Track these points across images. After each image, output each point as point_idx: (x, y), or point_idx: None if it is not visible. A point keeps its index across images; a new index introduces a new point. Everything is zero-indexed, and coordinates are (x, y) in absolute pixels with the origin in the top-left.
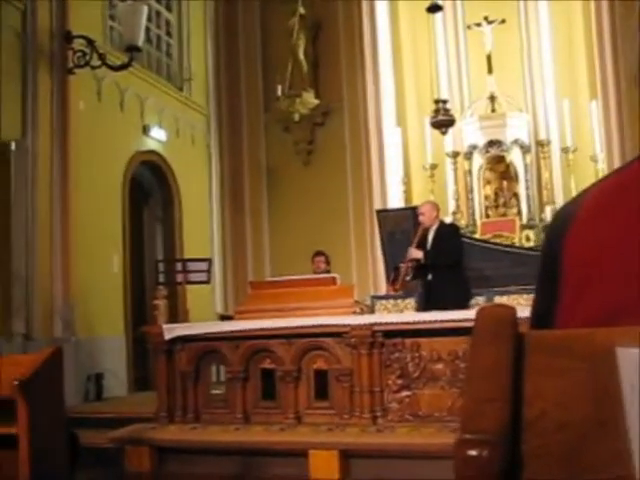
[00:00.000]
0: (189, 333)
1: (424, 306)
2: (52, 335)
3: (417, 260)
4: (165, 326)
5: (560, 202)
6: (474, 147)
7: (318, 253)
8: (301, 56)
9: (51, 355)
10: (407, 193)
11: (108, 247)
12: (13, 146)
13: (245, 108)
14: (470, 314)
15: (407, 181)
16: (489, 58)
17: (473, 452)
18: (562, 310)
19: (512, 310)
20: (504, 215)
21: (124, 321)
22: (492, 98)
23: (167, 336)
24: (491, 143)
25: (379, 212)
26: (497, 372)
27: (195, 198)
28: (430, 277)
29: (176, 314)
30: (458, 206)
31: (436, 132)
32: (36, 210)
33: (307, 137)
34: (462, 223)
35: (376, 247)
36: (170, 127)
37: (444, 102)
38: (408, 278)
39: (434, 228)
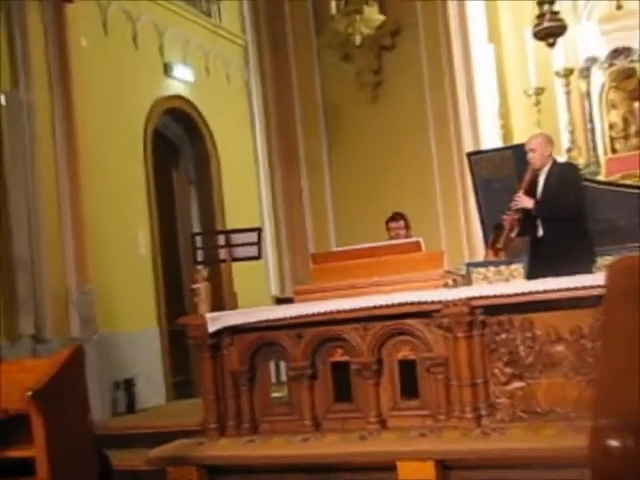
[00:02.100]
0: (239, 322)
1: (535, 271)
2: (68, 334)
3: (526, 210)
4: (208, 315)
5: None
6: (593, 60)
7: (394, 217)
8: None
9: (70, 357)
10: (506, 128)
11: (131, 221)
12: (3, 100)
13: (291, 33)
14: (596, 279)
15: (505, 113)
16: None
17: (614, 442)
18: None
19: None
20: (637, 148)
21: (157, 312)
22: None
23: (212, 327)
24: (616, 53)
25: (470, 155)
26: (637, 337)
27: (236, 152)
28: (541, 233)
29: (221, 299)
30: (574, 141)
31: (541, 45)
32: (37, 178)
33: (372, 65)
34: (580, 162)
35: (469, 201)
36: (198, 64)
37: (551, 3)
38: (513, 234)
39: (546, 170)
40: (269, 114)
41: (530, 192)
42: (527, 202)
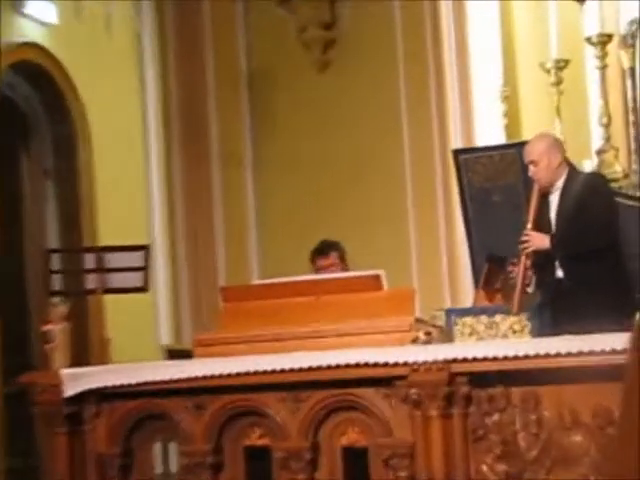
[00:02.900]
0: (111, 384)
1: (547, 325)
2: None
3: (541, 253)
4: (66, 372)
5: None
6: None
7: (322, 250)
8: None
9: None
10: (511, 117)
11: None
12: None
13: None
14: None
15: (511, 95)
16: None
17: None
18: None
19: None
20: None
21: None
22: None
23: (70, 390)
24: None
25: (459, 153)
26: None
27: (117, 134)
28: (560, 275)
29: (87, 349)
30: (609, 137)
31: (566, 1)
32: None
33: (323, 17)
34: (616, 170)
35: (454, 219)
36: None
37: None
38: (530, 289)
39: (559, 185)
40: (169, 82)
41: (541, 220)
42: (540, 241)
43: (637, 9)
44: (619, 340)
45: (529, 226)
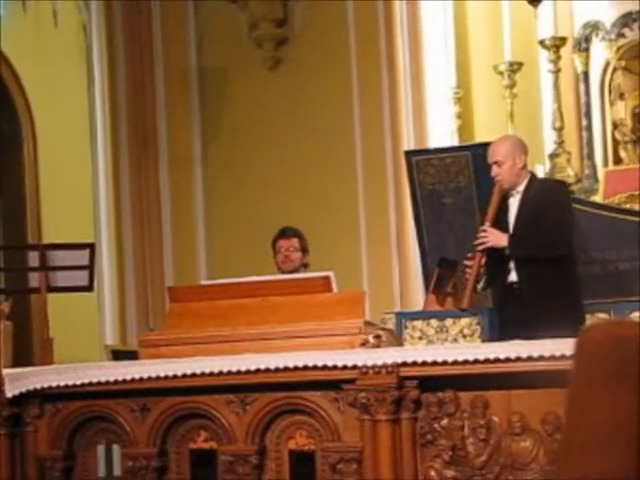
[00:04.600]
0: (54, 384)
1: (499, 330)
2: None
3: (496, 250)
4: (7, 372)
5: None
6: (595, 27)
7: (284, 233)
8: None
9: None
10: (464, 119)
11: None
12: None
13: None
14: None
15: (464, 96)
16: None
17: None
18: None
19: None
20: None
21: None
22: None
23: (11, 390)
24: (628, 18)
25: (411, 155)
26: (616, 439)
27: (63, 131)
28: (514, 279)
29: (29, 349)
30: (562, 142)
31: (521, 2)
32: None
33: (275, 13)
34: (569, 174)
35: (405, 221)
36: None
37: None
38: (481, 285)
39: (520, 189)
40: (117, 78)
41: (499, 221)
42: (499, 239)
43: (591, 12)
44: (569, 346)
45: (487, 224)
